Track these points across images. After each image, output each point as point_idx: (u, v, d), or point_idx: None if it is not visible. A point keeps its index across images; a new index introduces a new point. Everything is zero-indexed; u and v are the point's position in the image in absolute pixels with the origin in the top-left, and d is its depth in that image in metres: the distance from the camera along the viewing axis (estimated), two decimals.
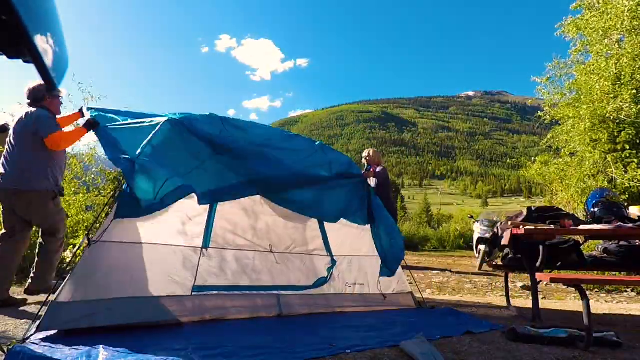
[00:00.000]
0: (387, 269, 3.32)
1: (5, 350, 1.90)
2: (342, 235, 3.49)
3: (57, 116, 3.12)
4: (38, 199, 2.95)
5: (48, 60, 0.64)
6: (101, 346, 1.99)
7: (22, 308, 3.11)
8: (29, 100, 3.02)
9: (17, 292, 3.81)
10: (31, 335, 2.09)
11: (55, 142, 2.89)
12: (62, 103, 3.24)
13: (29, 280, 3.21)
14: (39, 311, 2.20)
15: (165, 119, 2.47)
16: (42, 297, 3.37)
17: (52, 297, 2.27)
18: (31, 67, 0.63)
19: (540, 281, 3.06)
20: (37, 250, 3.22)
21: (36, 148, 2.89)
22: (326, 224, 3.46)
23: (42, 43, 0.62)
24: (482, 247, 8.19)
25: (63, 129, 3.08)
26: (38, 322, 2.13)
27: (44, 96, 2.99)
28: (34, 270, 3.19)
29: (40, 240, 3.20)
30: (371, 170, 4.38)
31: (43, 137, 2.85)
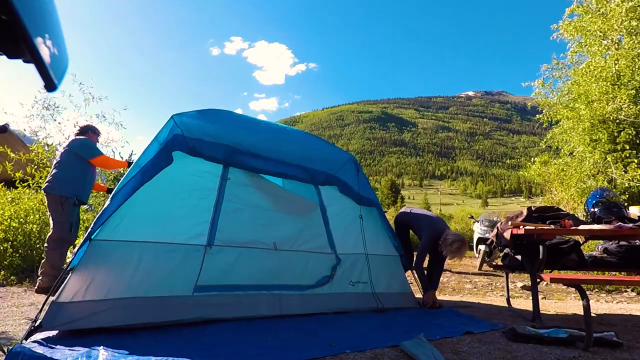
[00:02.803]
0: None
1: (5, 351, 1.90)
2: (346, 233, 3.49)
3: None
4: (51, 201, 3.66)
5: (48, 60, 0.64)
6: (101, 347, 1.99)
7: (22, 308, 3.12)
8: (77, 131, 4.21)
9: (17, 292, 3.81)
10: (31, 335, 2.09)
11: (100, 163, 3.96)
12: (98, 141, 4.37)
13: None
14: (39, 312, 2.20)
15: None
16: (42, 298, 3.38)
17: (52, 298, 2.27)
18: (31, 67, 0.63)
19: (540, 281, 3.06)
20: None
21: (71, 163, 3.76)
22: (331, 223, 3.45)
23: (42, 43, 0.62)
24: (482, 247, 8.19)
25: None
26: (38, 322, 2.13)
27: (87, 131, 4.14)
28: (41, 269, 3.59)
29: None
30: None
31: (87, 158, 3.81)
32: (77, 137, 4.01)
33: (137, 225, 2.58)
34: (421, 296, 3.80)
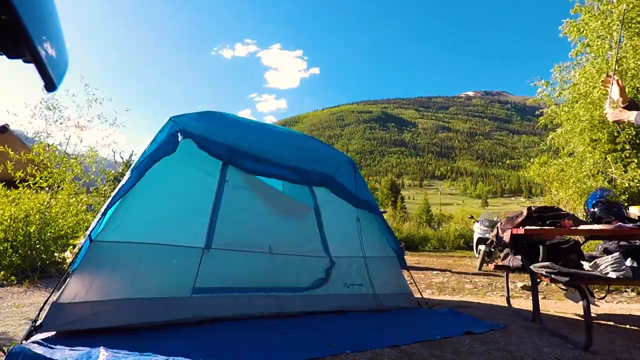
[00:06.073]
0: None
1: (6, 351, 1.90)
2: (341, 236, 3.49)
3: None
4: None
5: (48, 60, 0.64)
6: (101, 347, 1.99)
7: (22, 308, 3.12)
8: None
9: (17, 292, 3.81)
10: (31, 335, 2.09)
11: None
12: None
13: None
14: (39, 312, 2.20)
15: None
16: (42, 298, 3.38)
17: (52, 298, 2.27)
18: (31, 67, 0.63)
19: (540, 281, 3.06)
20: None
21: None
22: (325, 226, 3.46)
23: (42, 43, 0.62)
24: (482, 247, 8.19)
25: None
26: (38, 322, 2.13)
27: None
28: None
29: None
30: None
31: None
32: None
33: (137, 227, 2.59)
34: (420, 296, 3.80)
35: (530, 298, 3.23)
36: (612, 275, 2.61)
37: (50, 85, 0.67)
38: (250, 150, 3.09)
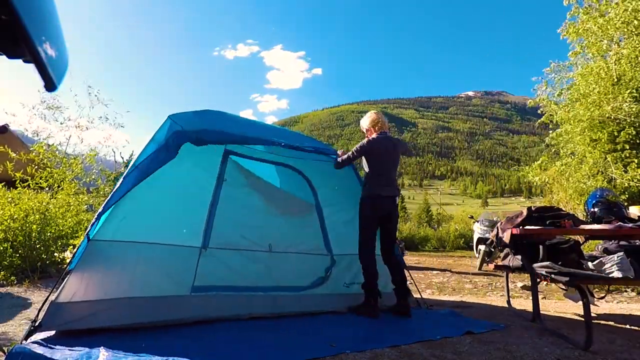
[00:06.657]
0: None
1: (5, 351, 1.90)
2: (343, 234, 3.49)
3: None
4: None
5: (48, 60, 0.64)
6: (101, 347, 1.99)
7: (22, 309, 3.11)
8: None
9: (17, 292, 3.81)
10: (31, 335, 2.09)
11: None
12: None
13: None
14: (38, 312, 2.20)
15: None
16: (42, 298, 3.37)
17: (52, 298, 2.27)
18: (31, 67, 0.63)
19: (540, 281, 3.06)
20: None
21: None
22: (327, 224, 3.46)
23: (42, 43, 0.62)
24: (482, 247, 8.19)
25: None
26: (38, 322, 2.13)
27: None
28: None
29: None
30: None
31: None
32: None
33: (135, 227, 2.59)
34: (419, 296, 3.80)
35: (530, 298, 3.23)
36: (618, 274, 2.61)
37: (50, 86, 0.67)
38: (248, 141, 3.04)
